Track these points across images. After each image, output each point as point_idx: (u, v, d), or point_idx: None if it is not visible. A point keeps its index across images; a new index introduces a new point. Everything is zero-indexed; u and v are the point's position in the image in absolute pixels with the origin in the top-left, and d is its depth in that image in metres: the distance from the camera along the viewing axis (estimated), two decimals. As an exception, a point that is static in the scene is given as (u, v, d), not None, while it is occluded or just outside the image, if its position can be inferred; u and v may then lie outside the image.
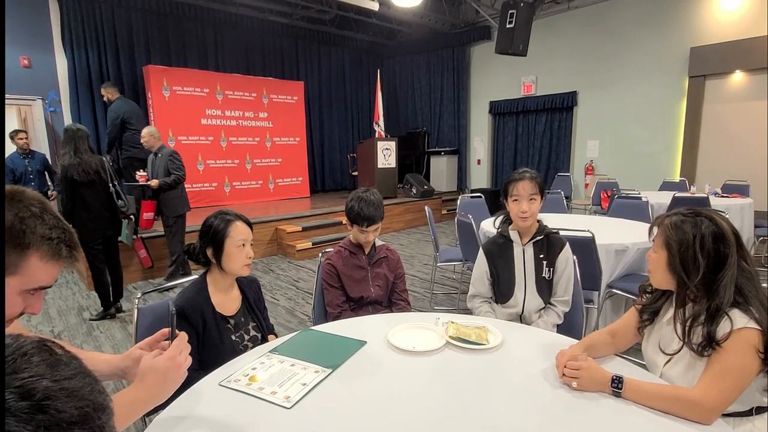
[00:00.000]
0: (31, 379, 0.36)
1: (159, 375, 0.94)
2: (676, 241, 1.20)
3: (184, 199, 4.60)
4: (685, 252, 1.19)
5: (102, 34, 6.85)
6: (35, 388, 0.35)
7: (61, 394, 0.37)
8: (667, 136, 6.85)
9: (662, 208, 4.30)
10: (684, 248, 1.19)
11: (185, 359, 0.98)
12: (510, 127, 9.02)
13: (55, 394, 0.36)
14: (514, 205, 1.91)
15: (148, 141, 4.44)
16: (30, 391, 0.35)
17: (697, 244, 1.17)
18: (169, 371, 0.95)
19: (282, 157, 8.31)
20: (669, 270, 1.23)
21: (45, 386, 0.36)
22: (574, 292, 2.00)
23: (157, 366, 0.94)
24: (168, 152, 4.45)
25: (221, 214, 1.58)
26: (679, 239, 1.20)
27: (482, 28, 8.89)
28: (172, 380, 0.95)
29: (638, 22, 6.92)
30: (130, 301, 4.23)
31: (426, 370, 1.33)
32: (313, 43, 9.42)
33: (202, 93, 7.21)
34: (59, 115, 6.62)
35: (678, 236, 1.20)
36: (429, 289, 4.38)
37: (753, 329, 1.09)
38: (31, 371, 0.36)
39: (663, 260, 1.24)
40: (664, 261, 1.24)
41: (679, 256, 1.20)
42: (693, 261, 1.17)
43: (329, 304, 1.98)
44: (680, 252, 1.19)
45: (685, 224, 1.21)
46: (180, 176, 4.42)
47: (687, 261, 1.19)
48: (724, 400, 1.07)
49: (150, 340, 1.09)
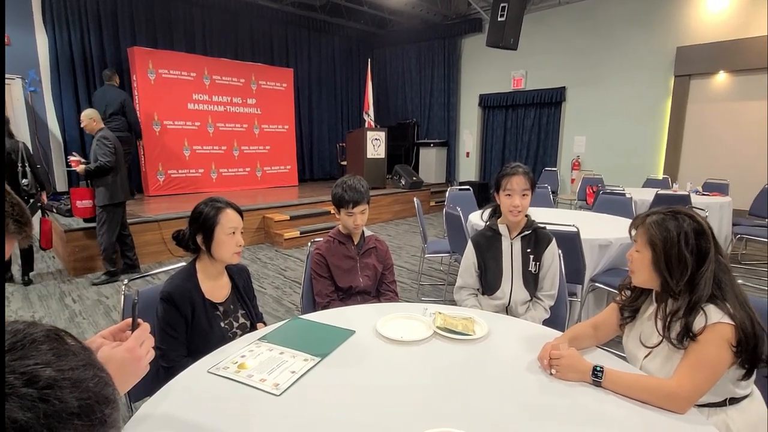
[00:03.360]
0: (37, 366, 0.36)
1: (116, 367, 0.84)
2: (660, 239, 1.23)
3: (116, 188, 4.21)
4: (671, 249, 1.22)
5: (85, 13, 6.64)
6: (39, 376, 0.35)
7: (65, 384, 0.37)
8: (652, 134, 6.97)
9: (645, 204, 4.40)
10: (669, 246, 1.22)
11: (146, 351, 0.90)
12: (499, 121, 9.07)
13: (59, 383, 0.36)
14: (507, 199, 1.93)
15: (87, 124, 4.14)
16: (34, 378, 0.35)
17: (682, 242, 1.21)
18: (127, 363, 0.87)
19: (270, 145, 8.23)
20: (653, 268, 1.26)
21: (49, 375, 0.36)
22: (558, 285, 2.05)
23: (115, 357, 0.86)
24: (98, 136, 4.10)
25: (212, 201, 1.58)
26: (664, 237, 1.23)
27: (474, 20, 8.87)
28: (131, 373, 0.88)
29: (627, 20, 6.98)
30: (115, 288, 4.18)
31: (413, 360, 1.36)
32: (303, 30, 9.29)
33: (189, 77, 7.07)
34: (39, 95, 6.43)
35: (663, 234, 1.23)
36: (416, 280, 4.42)
37: (726, 324, 1.14)
38: (38, 359, 0.36)
39: (647, 259, 1.26)
40: (648, 260, 1.26)
41: (664, 254, 1.23)
42: (678, 258, 1.21)
43: (318, 294, 1.99)
44: (665, 250, 1.22)
45: (667, 222, 1.24)
46: (104, 162, 4.01)
47: (672, 259, 1.22)
48: (697, 390, 1.12)
49: (114, 329, 1.00)
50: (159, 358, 1.44)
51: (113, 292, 4.06)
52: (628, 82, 7.11)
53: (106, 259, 4.32)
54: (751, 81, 5.99)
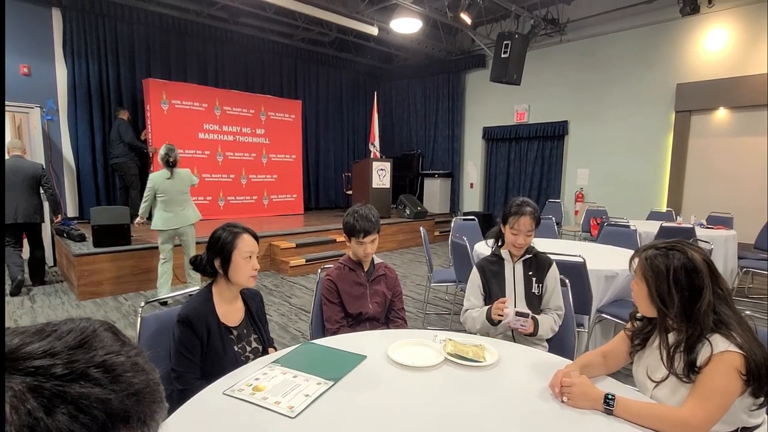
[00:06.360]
0: (110, 355, 0.41)
1: None
2: (651, 275, 1.29)
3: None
4: (660, 285, 1.27)
5: (104, 46, 6.94)
6: (115, 363, 0.40)
7: (136, 368, 0.42)
8: (655, 167, 7.06)
9: (650, 236, 4.42)
10: (659, 281, 1.27)
11: None
12: (503, 153, 9.21)
13: (133, 368, 0.42)
14: (512, 236, 2.06)
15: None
16: (110, 366, 0.40)
17: (670, 278, 1.25)
18: None
19: (277, 174, 8.37)
20: (650, 300, 1.31)
21: (122, 362, 0.41)
22: (566, 315, 2.08)
23: None
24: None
25: (229, 226, 1.63)
26: (654, 273, 1.28)
27: (477, 56, 9.16)
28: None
29: (627, 58, 7.20)
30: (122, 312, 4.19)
31: (425, 385, 1.37)
32: (312, 64, 9.61)
33: (200, 107, 7.29)
34: (56, 123, 6.64)
35: (652, 270, 1.29)
36: (422, 309, 4.41)
37: (734, 352, 1.15)
38: (109, 349, 0.41)
39: (643, 291, 1.32)
40: (645, 292, 1.31)
41: (655, 288, 1.28)
42: (668, 293, 1.25)
43: (328, 320, 2.01)
44: (655, 285, 1.28)
45: (657, 258, 1.29)
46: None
47: (662, 293, 1.27)
48: (709, 419, 1.13)
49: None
50: (175, 380, 1.46)
51: (120, 317, 4.06)
52: (629, 117, 7.26)
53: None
54: (751, 117, 6.12)
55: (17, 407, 0.34)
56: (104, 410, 0.37)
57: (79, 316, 0.45)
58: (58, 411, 0.35)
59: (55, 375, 0.37)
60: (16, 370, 0.36)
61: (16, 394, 0.35)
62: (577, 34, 7.72)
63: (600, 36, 7.47)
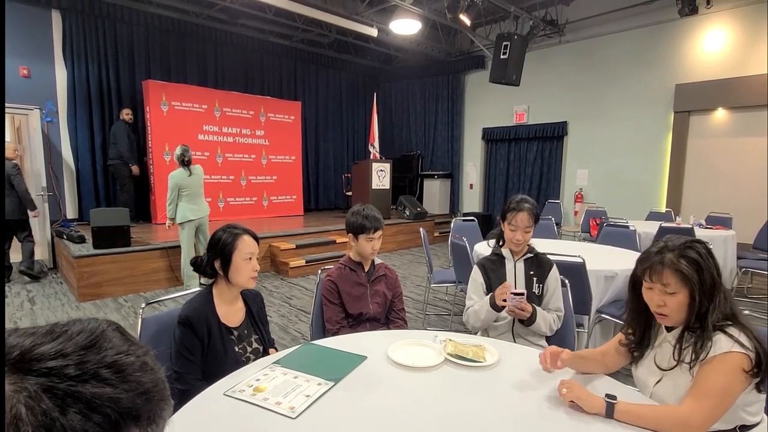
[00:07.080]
0: (120, 355, 0.42)
1: None
2: (695, 276, 1.22)
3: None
4: (705, 280, 1.22)
5: (103, 48, 6.93)
6: (124, 363, 0.41)
7: (141, 368, 0.43)
8: (654, 168, 7.07)
9: (649, 237, 4.42)
10: (704, 276, 1.22)
11: None
12: (502, 154, 9.22)
13: (142, 367, 0.43)
14: (510, 232, 2.07)
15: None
16: (120, 367, 0.41)
17: (712, 268, 1.24)
18: None
19: (277, 175, 8.38)
20: (688, 307, 1.23)
21: (132, 361, 0.42)
22: (566, 315, 2.09)
23: None
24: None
25: (229, 227, 1.64)
26: (696, 271, 1.22)
27: (477, 57, 9.17)
28: None
29: (626, 59, 7.22)
30: (122, 314, 4.19)
31: (425, 386, 1.37)
32: (311, 65, 9.62)
33: (200, 109, 7.29)
34: (55, 125, 6.64)
35: (694, 266, 1.23)
36: (422, 310, 4.41)
37: (737, 353, 1.15)
38: (118, 349, 0.42)
39: (682, 299, 1.24)
40: (684, 300, 1.23)
41: (699, 287, 1.22)
42: (711, 284, 1.23)
43: (328, 320, 2.02)
44: (699, 283, 1.22)
45: (689, 252, 1.25)
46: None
47: (707, 288, 1.22)
48: (709, 418, 1.13)
49: None
50: (175, 381, 1.46)
51: (120, 318, 4.06)
52: (628, 117, 7.27)
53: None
54: (750, 118, 6.13)
55: (33, 407, 0.35)
56: (116, 409, 0.38)
57: (86, 317, 0.46)
58: (72, 411, 0.36)
59: (68, 376, 0.37)
60: (30, 371, 0.37)
61: (31, 394, 0.35)
62: (576, 35, 7.73)
63: (599, 37, 7.48)
